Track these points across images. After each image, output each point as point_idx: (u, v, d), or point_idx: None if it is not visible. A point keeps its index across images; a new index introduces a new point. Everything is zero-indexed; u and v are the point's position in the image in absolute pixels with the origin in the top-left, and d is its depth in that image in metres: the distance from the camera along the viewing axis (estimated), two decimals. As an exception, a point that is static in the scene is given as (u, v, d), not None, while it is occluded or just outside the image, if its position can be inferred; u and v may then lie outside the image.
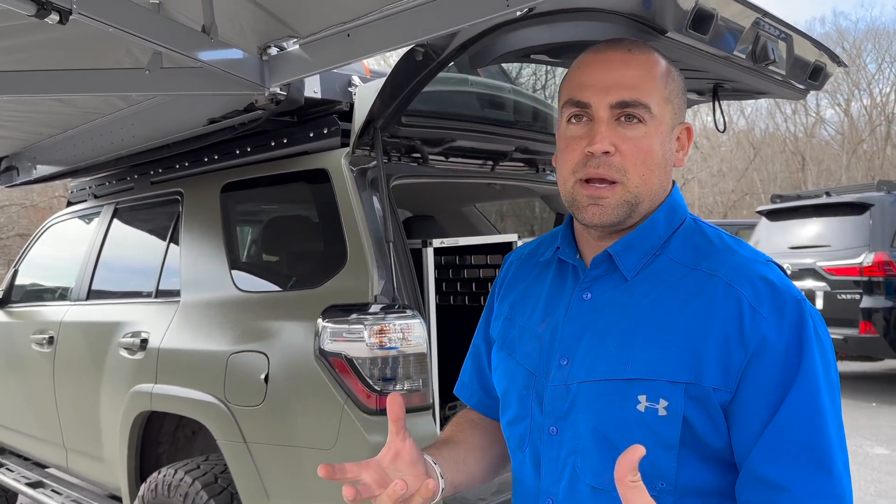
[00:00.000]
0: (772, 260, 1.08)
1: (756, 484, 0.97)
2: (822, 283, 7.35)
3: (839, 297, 7.22)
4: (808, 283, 7.45)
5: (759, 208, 9.01)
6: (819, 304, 7.33)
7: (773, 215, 8.46)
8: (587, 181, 1.07)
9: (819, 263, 7.43)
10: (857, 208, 7.48)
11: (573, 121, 1.09)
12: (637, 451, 0.81)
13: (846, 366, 8.90)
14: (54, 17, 1.59)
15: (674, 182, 1.15)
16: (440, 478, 1.09)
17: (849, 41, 32.39)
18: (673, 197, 1.13)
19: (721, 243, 1.09)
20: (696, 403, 0.99)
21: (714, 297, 1.01)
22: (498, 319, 1.27)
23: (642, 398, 1.00)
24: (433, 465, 1.10)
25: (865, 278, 7.03)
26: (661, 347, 1.01)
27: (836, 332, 7.08)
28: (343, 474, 0.98)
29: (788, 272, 7.50)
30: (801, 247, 7.79)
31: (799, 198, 8.70)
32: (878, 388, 7.89)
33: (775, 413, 0.96)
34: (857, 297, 7.08)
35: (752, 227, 9.78)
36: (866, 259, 7.06)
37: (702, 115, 20.03)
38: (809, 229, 7.91)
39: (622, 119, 1.05)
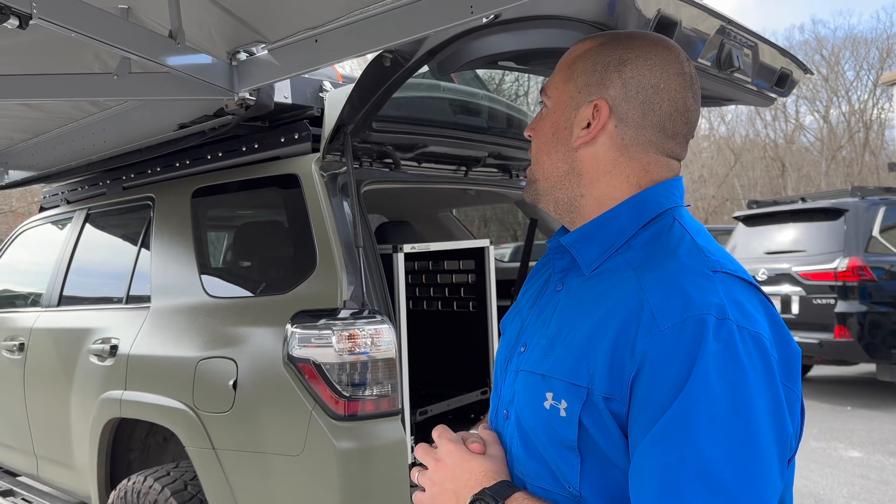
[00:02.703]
0: (736, 274, 0.96)
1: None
2: (798, 288, 7.42)
3: (814, 301, 7.29)
4: (783, 288, 7.52)
5: (736, 214, 9.08)
6: (795, 308, 7.40)
7: (750, 221, 8.53)
8: None
9: (795, 268, 7.49)
10: (831, 214, 7.56)
11: None
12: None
13: (821, 370, 8.99)
14: (13, 21, 1.57)
15: (675, 179, 1.07)
16: None
17: (827, 49, 32.84)
18: (648, 192, 1.05)
19: (673, 247, 0.99)
20: (594, 409, 0.94)
21: (621, 301, 0.96)
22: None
23: (549, 395, 0.99)
24: None
25: (840, 283, 7.10)
26: (571, 348, 0.99)
27: (812, 337, 7.16)
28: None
29: (760, 279, 7.58)
30: (778, 252, 7.86)
31: (775, 203, 8.78)
32: (853, 391, 7.97)
33: (645, 438, 0.88)
34: (832, 301, 7.14)
35: (729, 232, 9.87)
36: (841, 264, 7.13)
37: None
38: (785, 235, 7.98)
39: None
